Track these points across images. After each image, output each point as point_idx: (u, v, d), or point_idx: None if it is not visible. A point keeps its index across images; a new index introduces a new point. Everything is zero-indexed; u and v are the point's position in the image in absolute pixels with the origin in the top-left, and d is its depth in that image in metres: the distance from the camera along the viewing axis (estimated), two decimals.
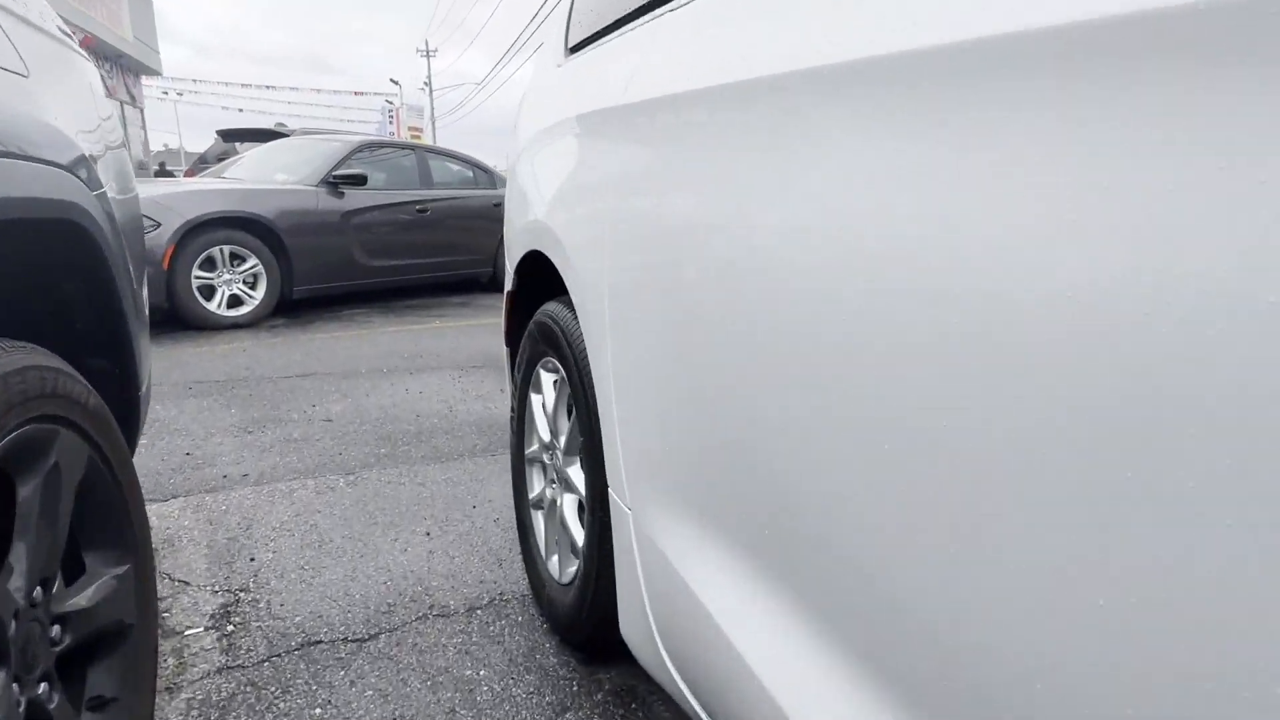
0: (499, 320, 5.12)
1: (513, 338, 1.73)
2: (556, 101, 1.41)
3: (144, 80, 20.02)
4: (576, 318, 1.21)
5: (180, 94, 36.83)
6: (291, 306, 5.09)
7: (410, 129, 32.10)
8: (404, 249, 5.54)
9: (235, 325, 4.46)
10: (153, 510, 1.93)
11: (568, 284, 1.15)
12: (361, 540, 1.78)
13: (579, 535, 1.32)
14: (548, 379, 1.46)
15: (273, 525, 1.85)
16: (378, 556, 1.70)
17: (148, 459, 2.29)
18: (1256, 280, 0.30)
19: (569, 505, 1.37)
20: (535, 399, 1.55)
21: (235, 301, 4.51)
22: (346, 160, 5.22)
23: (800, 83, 0.61)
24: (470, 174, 6.43)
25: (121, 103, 17.33)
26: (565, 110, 1.30)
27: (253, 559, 1.68)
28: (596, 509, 1.13)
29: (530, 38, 26.10)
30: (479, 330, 4.64)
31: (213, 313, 4.36)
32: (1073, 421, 0.38)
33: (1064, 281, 0.38)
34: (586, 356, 1.12)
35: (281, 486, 2.10)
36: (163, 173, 14.81)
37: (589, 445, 1.14)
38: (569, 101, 1.30)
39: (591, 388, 1.11)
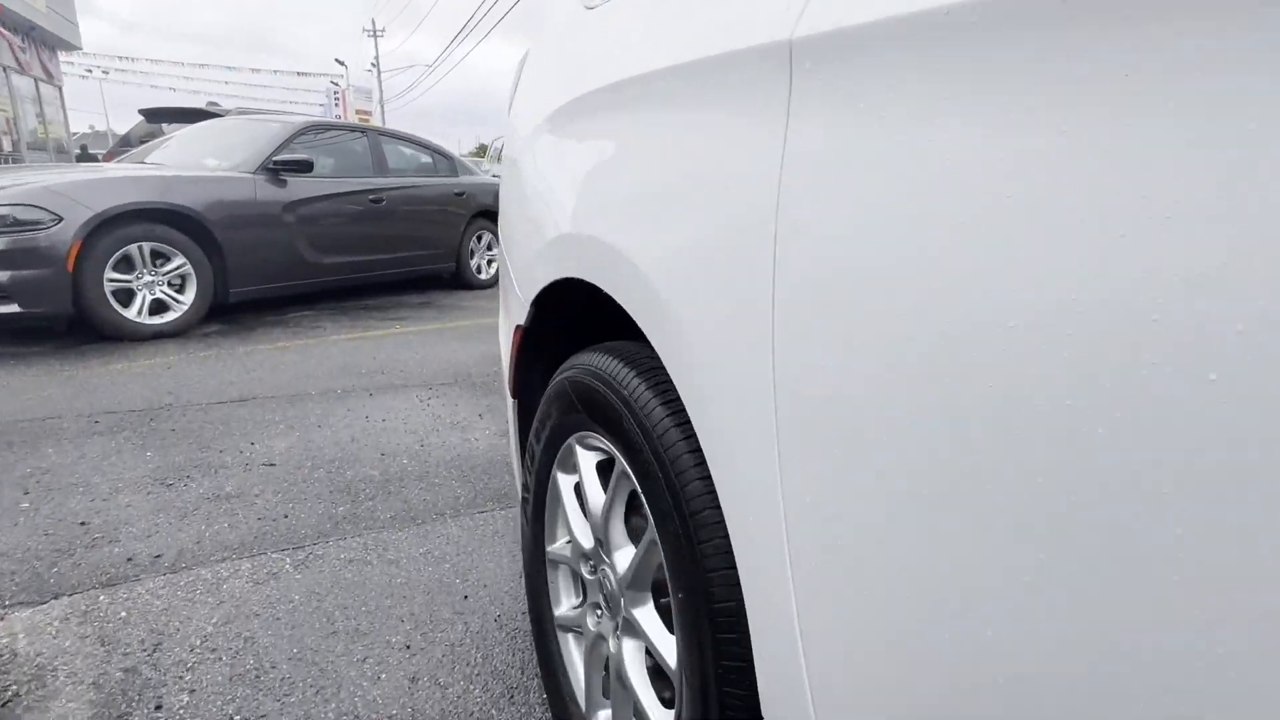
0: (467, 323, 4.62)
1: (523, 386, 1.28)
2: (602, 56, 0.95)
3: (62, 56, 18.46)
4: (665, 397, 0.77)
5: (106, 72, 34.46)
6: (228, 311, 4.48)
7: (358, 112, 30.69)
8: (357, 244, 4.96)
9: (159, 335, 3.85)
10: (22, 620, 1.42)
11: (662, 351, 0.70)
12: (316, 664, 1.30)
13: (653, 708, 0.88)
14: (588, 460, 1.01)
15: (192, 643, 1.35)
16: (340, 692, 1.23)
17: (25, 534, 1.75)
18: None
19: (631, 655, 0.93)
20: (564, 481, 1.10)
21: (159, 307, 3.89)
22: (289, 144, 4.61)
23: None
24: (429, 159, 5.85)
25: (36, 80, 15.92)
26: (627, 66, 0.85)
27: (159, 707, 1.19)
28: (711, 711, 0.70)
29: (483, 18, 25.10)
30: (445, 335, 4.13)
31: (131, 321, 3.74)
32: None
33: None
34: (707, 475, 0.68)
35: (206, 574, 1.59)
36: (85, 156, 13.60)
37: (699, 615, 0.70)
38: (633, 52, 0.84)
39: (708, 526, 0.67)
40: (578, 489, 1.09)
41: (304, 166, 4.46)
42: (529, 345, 1.21)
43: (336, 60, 35.89)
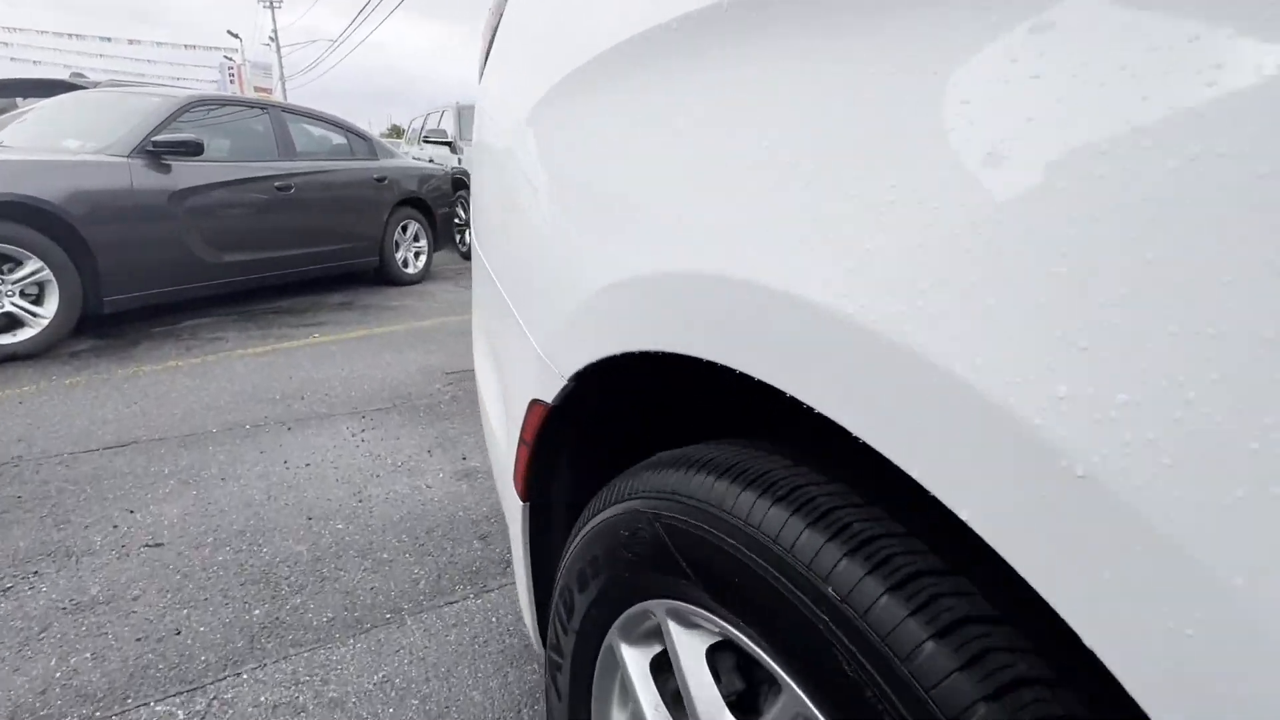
0: (397, 327, 4.03)
1: (538, 481, 0.84)
2: None
3: None
4: (936, 622, 0.36)
5: None
6: (103, 323, 3.76)
7: (257, 89, 28.47)
8: (262, 238, 4.28)
9: (12, 357, 3.13)
10: None
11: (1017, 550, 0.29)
12: None
13: None
14: (690, 643, 0.59)
15: None
16: None
17: None
18: None
19: None
20: (631, 656, 0.68)
21: (10, 323, 3.17)
22: (173, 121, 3.89)
23: None
24: (343, 140, 5.18)
25: None
26: None
27: None
28: None
29: None
30: (374, 345, 3.57)
31: None
32: None
33: None
34: None
35: None
36: None
37: None
38: None
39: None
40: (657, 667, 0.68)
41: (192, 148, 3.77)
42: (553, 428, 0.78)
43: (229, 33, 33.17)
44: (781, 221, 0.42)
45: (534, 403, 0.77)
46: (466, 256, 6.93)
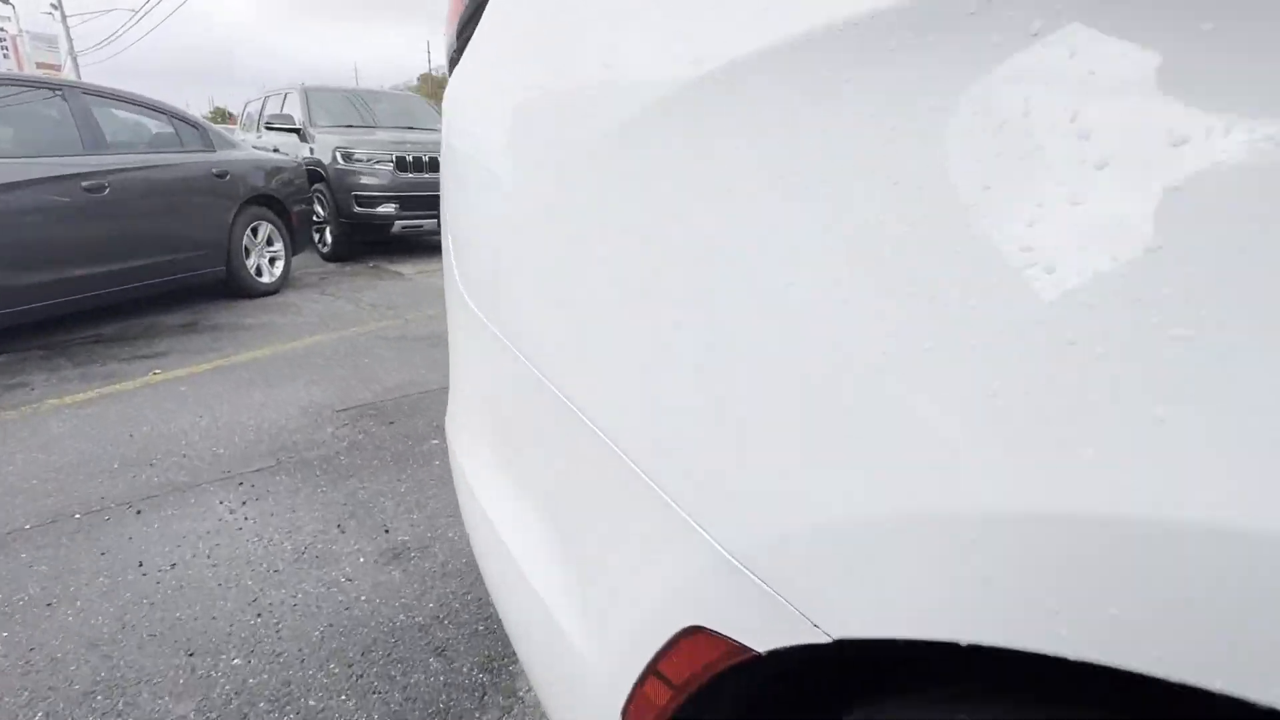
0: (260, 352, 3.34)
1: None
2: None
3: None
4: None
5: None
6: None
7: (39, 65, 24.35)
8: (72, 253, 3.44)
9: None
10: None
11: None
12: None
13: None
14: None
15: None
16: None
17: None
18: None
19: None
20: None
21: None
22: None
23: None
24: (167, 128, 4.33)
25: None
26: None
27: None
28: None
29: None
30: (236, 377, 2.95)
31: None
32: None
33: None
34: None
35: None
36: None
37: None
38: None
39: None
40: None
41: None
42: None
43: None
44: None
45: (697, 632, 0.43)
46: (329, 258, 6.16)
